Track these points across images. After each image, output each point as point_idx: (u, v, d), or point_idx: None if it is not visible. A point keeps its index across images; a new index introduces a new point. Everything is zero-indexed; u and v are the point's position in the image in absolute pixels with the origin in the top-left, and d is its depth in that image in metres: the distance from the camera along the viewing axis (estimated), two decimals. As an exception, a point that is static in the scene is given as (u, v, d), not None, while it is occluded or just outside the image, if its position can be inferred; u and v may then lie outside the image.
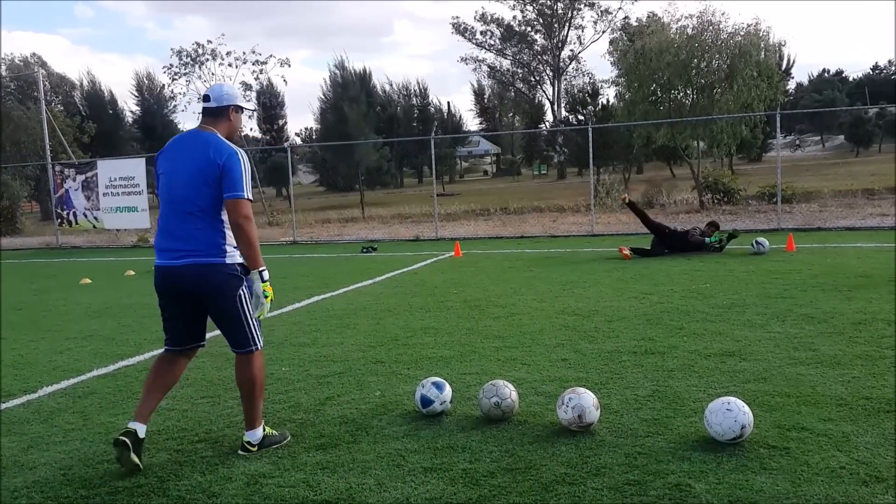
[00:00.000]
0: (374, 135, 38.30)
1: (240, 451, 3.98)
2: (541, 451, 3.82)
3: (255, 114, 49.87)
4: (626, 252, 12.09)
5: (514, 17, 58.77)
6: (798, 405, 4.33)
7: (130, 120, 53.32)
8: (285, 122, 55.25)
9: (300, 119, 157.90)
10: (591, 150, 18.72)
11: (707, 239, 12.11)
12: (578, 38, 65.33)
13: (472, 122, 70.16)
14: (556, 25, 58.44)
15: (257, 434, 4.01)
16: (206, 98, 3.93)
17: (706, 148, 23.33)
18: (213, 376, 5.64)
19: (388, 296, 9.27)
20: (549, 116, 62.37)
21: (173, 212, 3.84)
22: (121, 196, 20.64)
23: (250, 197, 3.78)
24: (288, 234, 21.13)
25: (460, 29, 60.62)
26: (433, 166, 20.92)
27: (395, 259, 13.97)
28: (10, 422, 4.79)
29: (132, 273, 13.24)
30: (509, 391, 4.32)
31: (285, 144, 32.59)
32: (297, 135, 66.43)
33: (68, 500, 3.53)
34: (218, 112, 3.92)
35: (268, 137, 51.43)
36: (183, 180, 3.79)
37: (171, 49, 49.47)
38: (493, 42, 60.86)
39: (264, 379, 4.08)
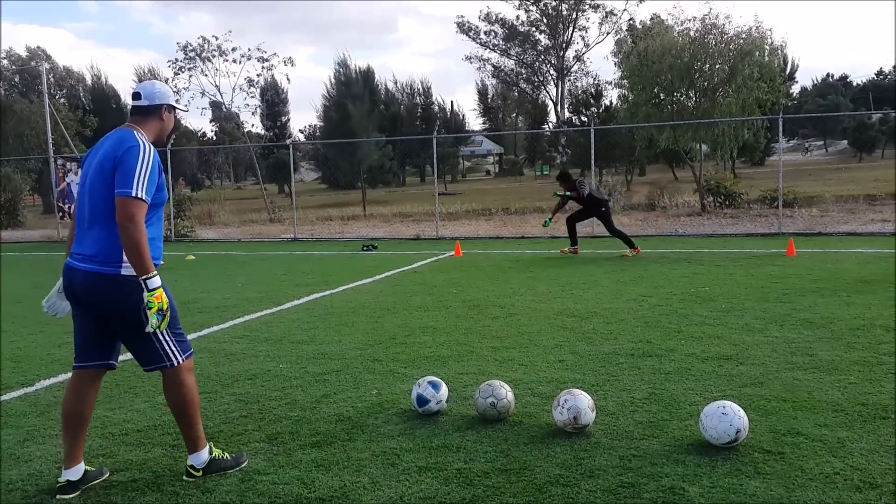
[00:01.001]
0: (376, 133, 38.28)
1: (184, 478, 3.61)
2: (535, 452, 3.82)
3: (259, 110, 49.93)
4: (566, 249, 12.93)
5: (518, 18, 58.78)
6: (794, 410, 4.33)
7: (134, 115, 53.37)
8: (288, 119, 55.42)
9: (303, 116, 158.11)
10: (592, 151, 18.73)
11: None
12: (583, 38, 65.37)
13: (475, 122, 70.24)
14: (560, 26, 58.41)
15: (202, 457, 3.63)
16: (136, 95, 3.62)
17: (708, 151, 23.32)
18: (210, 372, 5.65)
19: (388, 294, 9.28)
20: (552, 117, 62.41)
21: (79, 214, 3.52)
22: (122, 190, 20.64)
23: (142, 196, 3.31)
24: (289, 231, 21.15)
25: (465, 28, 60.63)
26: (435, 165, 20.91)
27: (396, 258, 13.98)
28: (7, 414, 4.79)
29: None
30: (505, 391, 4.32)
31: (288, 141, 32.66)
32: (300, 131, 66.50)
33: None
34: (148, 111, 3.60)
35: (270, 134, 51.52)
36: (89, 182, 3.45)
37: (177, 44, 49.47)
38: (497, 42, 60.87)
39: (196, 395, 3.65)
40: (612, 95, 46.28)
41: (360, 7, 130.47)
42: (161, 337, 3.50)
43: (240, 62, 33.19)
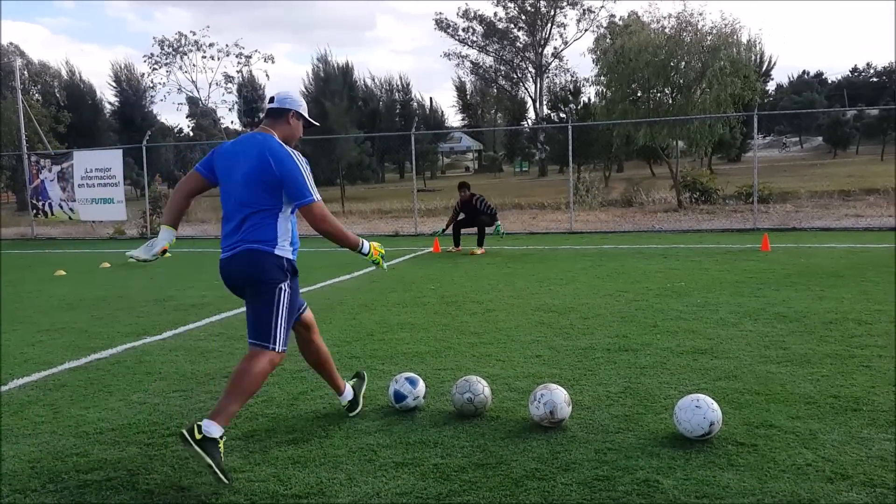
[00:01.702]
0: (355, 130, 38.17)
1: (183, 431, 3.46)
2: (512, 447, 3.84)
3: (236, 107, 49.62)
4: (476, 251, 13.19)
5: (496, 14, 58.79)
6: (767, 403, 4.38)
7: (109, 111, 52.84)
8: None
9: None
10: (570, 148, 18.81)
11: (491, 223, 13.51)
12: (561, 35, 65.55)
13: (454, 119, 70.18)
14: (538, 23, 58.52)
15: (215, 431, 3.48)
16: (270, 99, 3.97)
17: (685, 147, 23.49)
18: (185, 370, 5.62)
19: (366, 291, 9.26)
20: (531, 114, 62.54)
21: (231, 214, 3.81)
22: (97, 188, 20.45)
23: (317, 197, 3.76)
24: (267, 228, 20.99)
25: (443, 25, 60.58)
26: (414, 162, 20.86)
27: (374, 254, 13.93)
28: (-22, 414, 4.73)
29: (107, 265, 13.12)
30: (482, 387, 4.33)
31: (265, 138, 32.26)
32: (278, 128, 65.93)
33: (36, 494, 3.49)
34: (278, 113, 3.92)
35: (248, 130, 51.20)
36: (240, 184, 3.75)
37: (154, 38, 49.05)
38: (475, 39, 60.87)
39: (258, 388, 3.75)
40: (589, 92, 46.47)
41: (339, 5, 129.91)
42: (280, 319, 3.76)
43: (217, 58, 33.00)
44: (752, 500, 3.16)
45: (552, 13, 57.87)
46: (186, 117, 59.14)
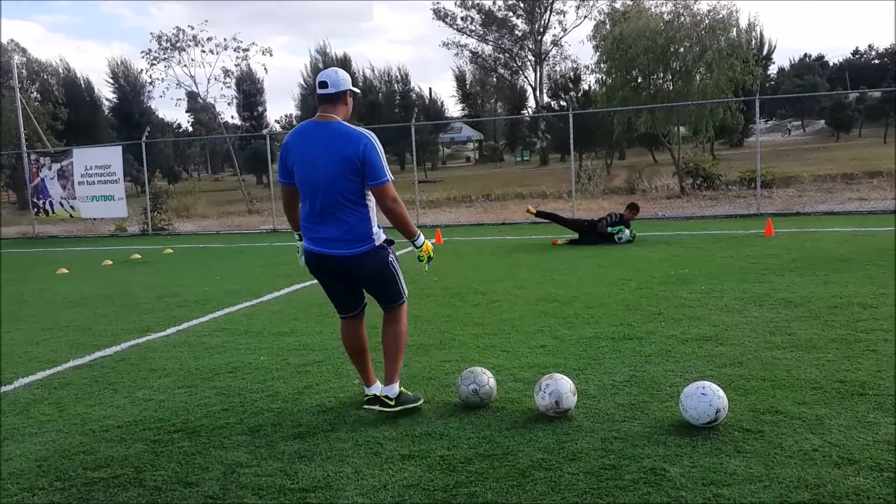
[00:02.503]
0: (355, 121, 38.13)
1: (377, 408, 4.20)
2: (518, 437, 3.84)
3: (235, 101, 49.54)
4: (559, 241, 12.37)
5: (495, 2, 58.51)
6: (773, 389, 4.37)
7: (107, 107, 52.81)
8: (265, 109, 54.92)
9: (280, 106, 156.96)
10: (571, 136, 18.75)
11: (609, 229, 11.97)
12: (560, 23, 65.22)
13: (454, 109, 70.00)
14: (537, 10, 58.26)
15: (395, 389, 4.19)
16: (322, 84, 4.00)
17: (687, 133, 23.44)
18: (190, 366, 5.62)
19: (369, 283, 9.24)
20: (531, 102, 62.36)
21: (321, 203, 3.99)
22: (97, 185, 20.46)
23: (391, 177, 4.00)
24: (268, 222, 21.02)
25: (441, 14, 60.32)
26: (414, 153, 20.83)
27: (377, 246, 13.92)
28: (-16, 414, 4.74)
29: (110, 263, 13.13)
30: (487, 378, 4.33)
31: (264, 132, 32.48)
32: (276, 122, 66.02)
33: (44, 492, 3.50)
34: (336, 98, 4.02)
35: (247, 124, 51.13)
36: (327, 172, 3.93)
37: (151, 34, 48.92)
38: (474, 28, 60.63)
39: (407, 333, 4.42)
40: (590, 80, 46.32)
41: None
42: (399, 281, 4.28)
43: (216, 52, 32.90)
44: (759, 486, 3.15)
45: (551, 0, 57.60)
46: (186, 112, 59.16)
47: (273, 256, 13.20)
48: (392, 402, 4.16)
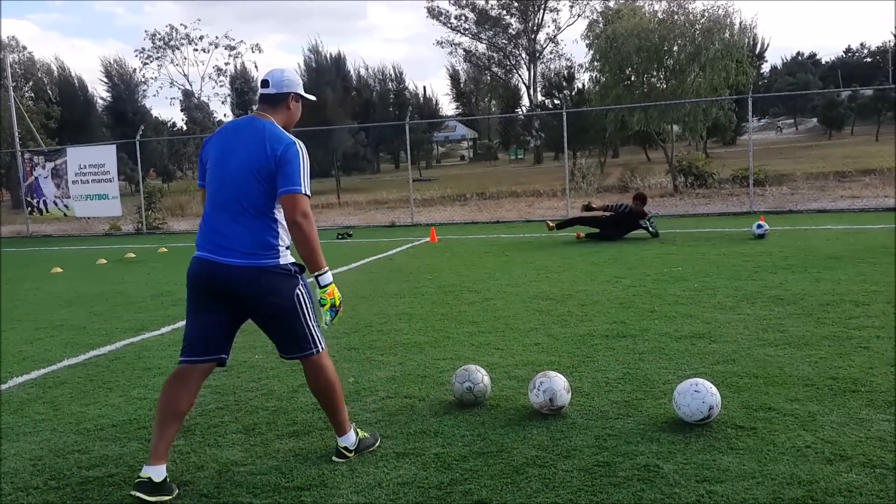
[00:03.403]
0: (349, 120, 38.10)
1: (334, 458, 3.64)
2: (512, 435, 3.85)
3: (229, 99, 49.45)
4: (581, 234, 12.46)
5: (489, 1, 58.51)
6: (766, 386, 4.39)
7: (101, 106, 52.67)
8: (257, 108, 54.79)
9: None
10: (565, 134, 18.77)
11: (640, 222, 12.06)
12: (554, 21, 65.23)
13: (448, 107, 70.02)
14: (531, 9, 58.26)
15: (350, 438, 3.67)
16: (264, 83, 3.55)
17: (680, 131, 23.49)
18: (185, 365, 5.61)
19: (363, 282, 9.26)
20: (525, 101, 62.39)
21: (222, 208, 3.41)
22: (91, 184, 20.40)
23: (308, 192, 3.36)
24: (263, 221, 20.96)
25: (435, 13, 60.30)
26: (409, 152, 20.84)
27: (371, 245, 13.95)
28: (-22, 413, 4.73)
29: (104, 262, 13.11)
30: (481, 376, 4.34)
31: (260, 130, 32.26)
32: (271, 120, 65.82)
33: (38, 491, 3.50)
34: (277, 99, 3.53)
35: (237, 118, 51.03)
36: (234, 173, 3.38)
37: (145, 32, 48.94)
38: (468, 26, 60.63)
39: (338, 378, 3.67)
40: (584, 78, 46.37)
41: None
42: (310, 324, 3.51)
43: (208, 51, 32.91)
44: (752, 482, 3.17)
45: (544, -1, 57.61)
46: (181, 111, 59.02)
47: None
48: (351, 454, 3.65)
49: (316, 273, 3.39)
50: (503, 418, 4.11)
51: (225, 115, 53.93)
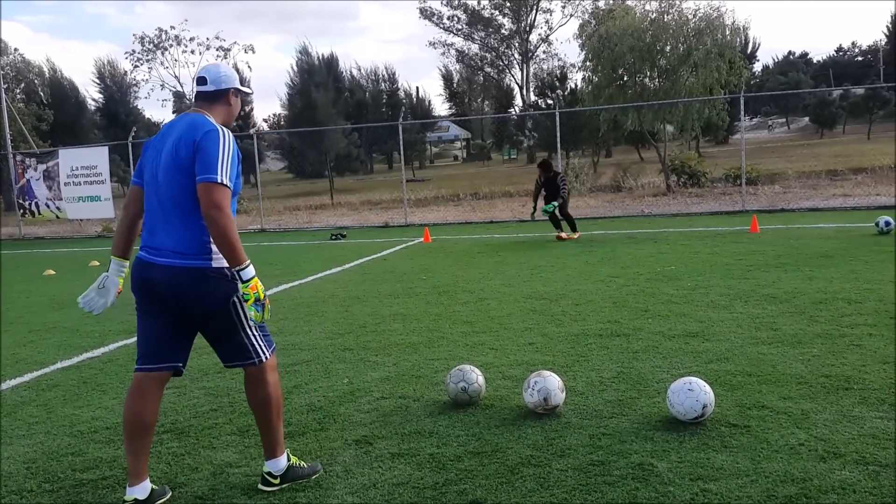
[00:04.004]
0: (342, 121, 38.09)
1: (259, 486, 3.40)
2: (507, 435, 3.86)
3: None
4: (563, 235, 12.58)
5: (480, 2, 58.55)
6: (759, 384, 4.41)
7: (93, 108, 52.50)
8: (252, 109, 54.67)
9: (268, 105, 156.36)
10: (558, 134, 18.80)
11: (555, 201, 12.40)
12: (547, 21, 65.38)
13: (441, 107, 70.04)
14: (523, 9, 58.32)
15: (280, 464, 3.38)
16: (201, 80, 3.37)
17: (673, 131, 23.54)
18: (179, 366, 5.60)
19: (357, 283, 9.25)
20: (518, 101, 62.43)
21: (157, 206, 3.24)
22: (83, 185, 20.35)
23: (226, 182, 3.09)
24: (256, 222, 20.99)
25: (427, 14, 60.31)
26: (402, 152, 20.83)
27: (365, 246, 13.94)
28: (-29, 416, 4.71)
29: (96, 263, 13.06)
30: (476, 376, 4.34)
31: (252, 131, 32.40)
32: (264, 121, 65.82)
33: (32, 494, 3.49)
34: (215, 96, 3.36)
35: (234, 124, 50.98)
36: (163, 170, 3.20)
37: (133, 35, 48.76)
38: (460, 27, 60.66)
39: (280, 394, 3.42)
40: (576, 78, 46.43)
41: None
42: (249, 332, 3.29)
43: (199, 52, 32.79)
44: (746, 480, 3.18)
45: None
46: (173, 112, 58.83)
47: (261, 256, 13.16)
48: (276, 480, 3.36)
49: (237, 268, 3.09)
50: (498, 418, 4.11)
51: (217, 116, 53.63)
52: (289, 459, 3.42)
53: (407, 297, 8.03)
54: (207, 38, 41.37)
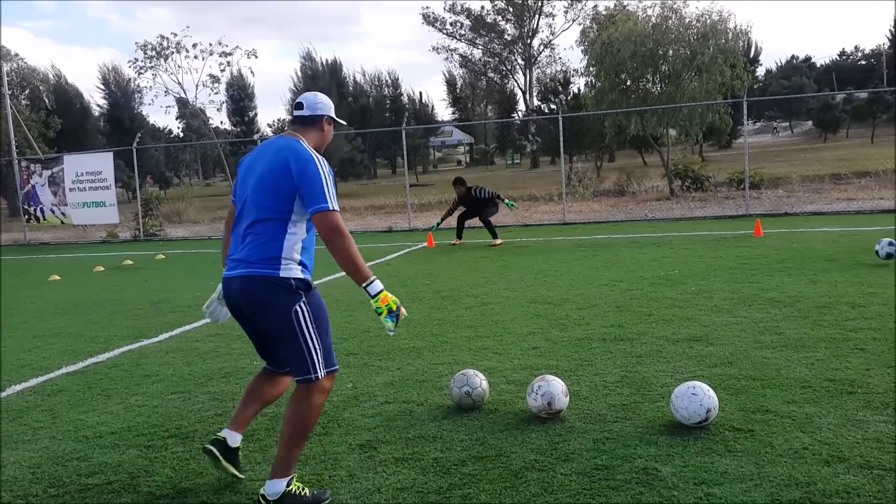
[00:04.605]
0: (346, 126, 38.21)
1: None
2: (511, 439, 3.86)
3: (225, 106, 49.43)
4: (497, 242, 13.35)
5: (483, 8, 58.69)
6: (763, 388, 4.41)
7: (97, 114, 52.67)
8: (256, 114, 54.73)
9: (272, 110, 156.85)
10: (561, 139, 18.80)
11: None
12: (549, 26, 65.50)
13: (444, 112, 70.16)
14: (526, 15, 58.42)
15: (277, 487, 3.25)
16: (298, 105, 3.56)
17: (676, 136, 23.53)
18: (183, 371, 5.62)
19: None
20: (521, 106, 62.50)
21: (239, 222, 3.41)
22: (88, 191, 20.40)
23: (335, 207, 3.26)
24: (260, 227, 20.95)
25: (430, 19, 60.43)
26: (405, 157, 20.84)
27: (368, 250, 13.95)
28: (-23, 422, 4.73)
29: (101, 269, 13.10)
30: (479, 380, 4.35)
31: (256, 136, 32.47)
32: (268, 125, 65.93)
33: (38, 499, 3.51)
34: (310, 121, 3.52)
35: (238, 129, 51.02)
36: (252, 188, 3.36)
37: (136, 43, 48.92)
38: (463, 33, 60.77)
39: (316, 419, 3.39)
40: (579, 83, 46.45)
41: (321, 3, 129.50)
42: (308, 344, 3.28)
43: (201, 58, 32.90)
44: (750, 484, 3.19)
45: (540, 4, 57.77)
46: (176, 118, 59.04)
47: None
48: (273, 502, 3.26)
49: (363, 285, 3.33)
50: (501, 422, 4.12)
51: (221, 122, 53.92)
52: (289, 485, 3.28)
53: (410, 301, 8.03)
54: (210, 44, 41.46)
